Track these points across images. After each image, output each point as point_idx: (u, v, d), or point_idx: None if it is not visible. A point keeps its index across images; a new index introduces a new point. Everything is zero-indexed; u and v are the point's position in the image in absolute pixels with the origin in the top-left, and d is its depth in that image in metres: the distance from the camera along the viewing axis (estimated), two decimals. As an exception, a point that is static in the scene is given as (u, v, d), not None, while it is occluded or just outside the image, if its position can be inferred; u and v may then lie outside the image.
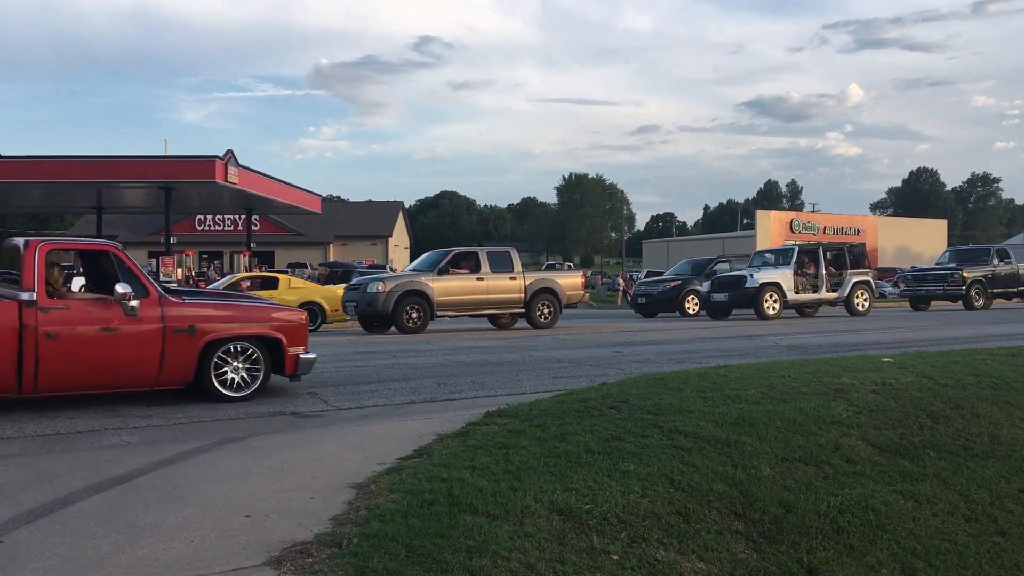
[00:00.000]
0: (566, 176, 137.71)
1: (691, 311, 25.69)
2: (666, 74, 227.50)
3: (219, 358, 8.71)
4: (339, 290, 21.77)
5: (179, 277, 34.55)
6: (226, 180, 33.13)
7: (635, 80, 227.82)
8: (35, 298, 7.86)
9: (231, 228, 60.99)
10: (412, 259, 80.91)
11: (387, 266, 50.12)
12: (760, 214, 67.01)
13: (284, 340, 9.04)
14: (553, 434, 6.36)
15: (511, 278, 19.70)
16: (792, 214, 70.91)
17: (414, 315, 18.44)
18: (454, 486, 5.06)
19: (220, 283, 21.66)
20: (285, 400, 8.96)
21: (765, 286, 22.75)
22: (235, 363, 8.82)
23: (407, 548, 4.18)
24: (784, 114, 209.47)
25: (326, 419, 7.97)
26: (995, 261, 27.04)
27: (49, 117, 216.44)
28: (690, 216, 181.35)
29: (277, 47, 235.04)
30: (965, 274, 26.07)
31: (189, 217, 59.65)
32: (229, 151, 33.57)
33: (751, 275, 23.05)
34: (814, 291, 23.62)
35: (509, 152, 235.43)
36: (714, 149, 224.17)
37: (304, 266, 50.23)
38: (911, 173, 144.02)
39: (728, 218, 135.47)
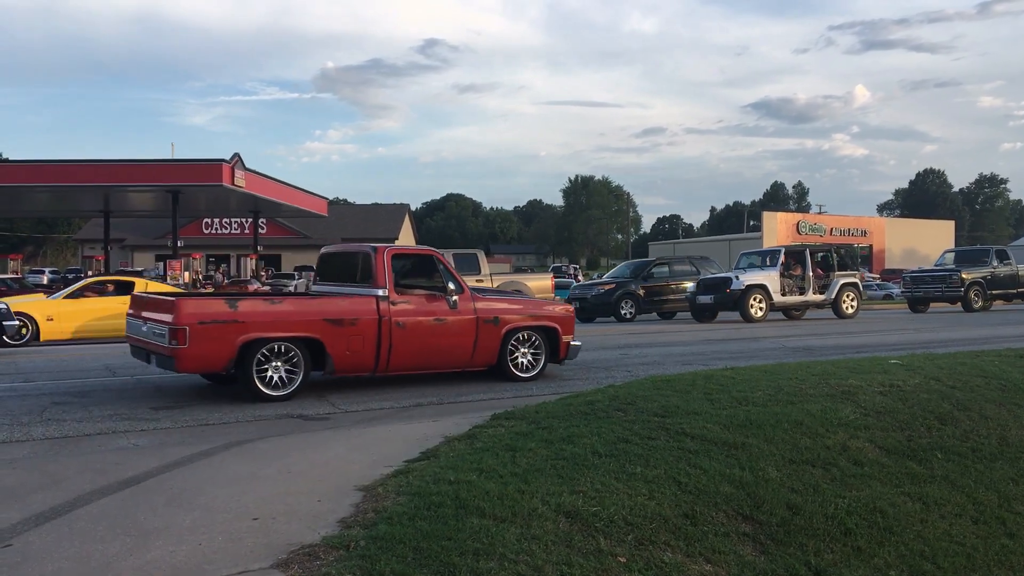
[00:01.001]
0: (572, 178, 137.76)
1: (627, 315, 24.62)
2: (671, 76, 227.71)
3: (511, 345, 10.57)
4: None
5: (186, 280, 34.63)
6: (233, 183, 33.21)
7: (640, 82, 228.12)
8: (387, 294, 9.69)
9: (238, 231, 61.14)
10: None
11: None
12: (767, 216, 67.01)
13: (560, 329, 10.91)
14: (560, 436, 6.36)
15: (477, 281, 19.18)
16: (799, 216, 70.87)
17: None
18: (461, 488, 5.06)
19: (69, 289, 19.42)
20: (293, 403, 8.97)
21: (751, 288, 22.25)
22: (523, 349, 10.70)
23: (414, 550, 4.19)
24: (790, 116, 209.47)
25: (333, 422, 7.98)
26: (994, 262, 26.68)
27: (56, 121, 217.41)
28: (696, 218, 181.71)
29: (283, 51, 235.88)
30: (964, 275, 25.75)
31: (196, 220, 59.77)
32: (236, 155, 33.66)
33: (736, 277, 22.53)
34: (801, 293, 23.13)
35: (515, 155, 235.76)
36: (720, 151, 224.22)
37: (311, 269, 50.33)
38: (918, 174, 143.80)
39: (734, 220, 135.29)
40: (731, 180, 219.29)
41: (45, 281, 48.04)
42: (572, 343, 10.98)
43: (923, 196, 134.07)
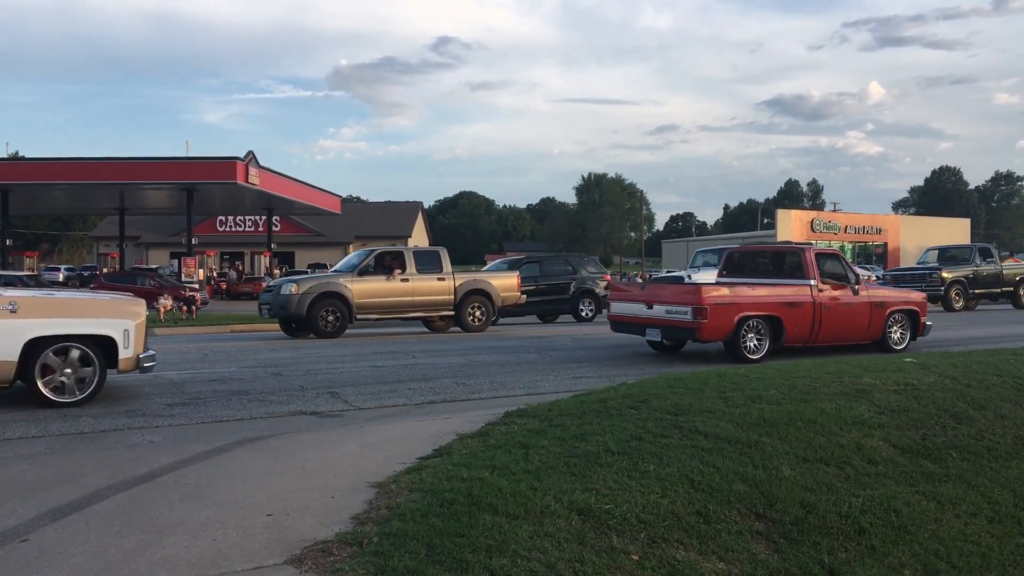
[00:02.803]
0: (585, 176, 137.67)
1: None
2: (685, 73, 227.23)
3: (888, 323, 13.52)
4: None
5: (200, 277, 34.80)
6: (247, 181, 33.36)
7: (654, 79, 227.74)
8: (816, 284, 12.87)
9: (252, 229, 61.36)
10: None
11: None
12: (781, 213, 66.76)
13: (920, 312, 13.87)
14: (573, 434, 6.36)
15: (439, 279, 18.80)
16: (813, 213, 70.53)
17: (330, 318, 17.51)
18: (474, 486, 5.07)
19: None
20: (306, 400, 9.01)
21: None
22: (896, 327, 13.63)
23: (427, 547, 4.20)
24: (804, 113, 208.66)
25: (346, 419, 8.01)
26: (977, 260, 25.97)
27: (72, 119, 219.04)
28: (710, 216, 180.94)
29: (297, 49, 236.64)
30: (944, 274, 25.06)
31: (210, 218, 60.05)
32: (250, 152, 33.81)
33: (688, 276, 21.12)
34: None
35: (528, 152, 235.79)
36: (734, 148, 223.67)
37: (324, 266, 50.52)
38: (933, 172, 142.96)
39: (748, 217, 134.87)
40: (745, 178, 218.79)
41: (61, 278, 48.40)
42: (926, 323, 14.00)
43: (939, 194, 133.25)
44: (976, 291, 25.67)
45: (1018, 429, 7.79)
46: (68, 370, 8.48)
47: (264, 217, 51.14)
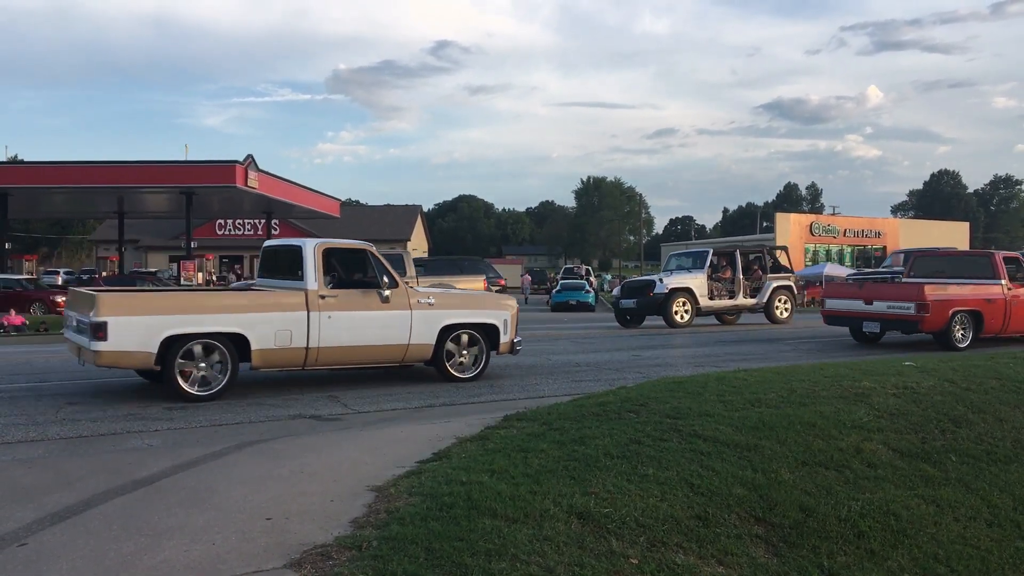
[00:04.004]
0: (584, 180, 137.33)
1: None
2: (684, 77, 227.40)
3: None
4: None
5: (199, 281, 34.77)
6: (246, 185, 33.37)
7: (653, 83, 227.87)
8: (1006, 283, 15.17)
9: (251, 232, 61.37)
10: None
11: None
12: (780, 217, 66.75)
13: None
14: (572, 438, 6.36)
15: (404, 282, 18.44)
16: (812, 217, 70.53)
17: None
18: (473, 489, 5.06)
19: None
20: (305, 404, 9.00)
21: (675, 292, 20.93)
22: None
23: (426, 551, 4.19)
24: (803, 116, 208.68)
25: (345, 423, 8.00)
26: None
27: (71, 123, 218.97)
28: (709, 219, 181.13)
29: (296, 52, 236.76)
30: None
31: (209, 221, 60.04)
32: (249, 156, 33.82)
33: (660, 280, 21.42)
34: (730, 297, 21.88)
35: (527, 156, 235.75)
36: (733, 152, 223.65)
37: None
38: (932, 175, 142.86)
39: (748, 221, 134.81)
40: (744, 181, 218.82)
41: (60, 282, 48.37)
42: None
43: (937, 197, 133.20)
44: None
45: (1017, 433, 7.79)
46: (464, 352, 10.75)
47: (263, 221, 51.16)
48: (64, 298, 31.01)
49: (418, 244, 75.20)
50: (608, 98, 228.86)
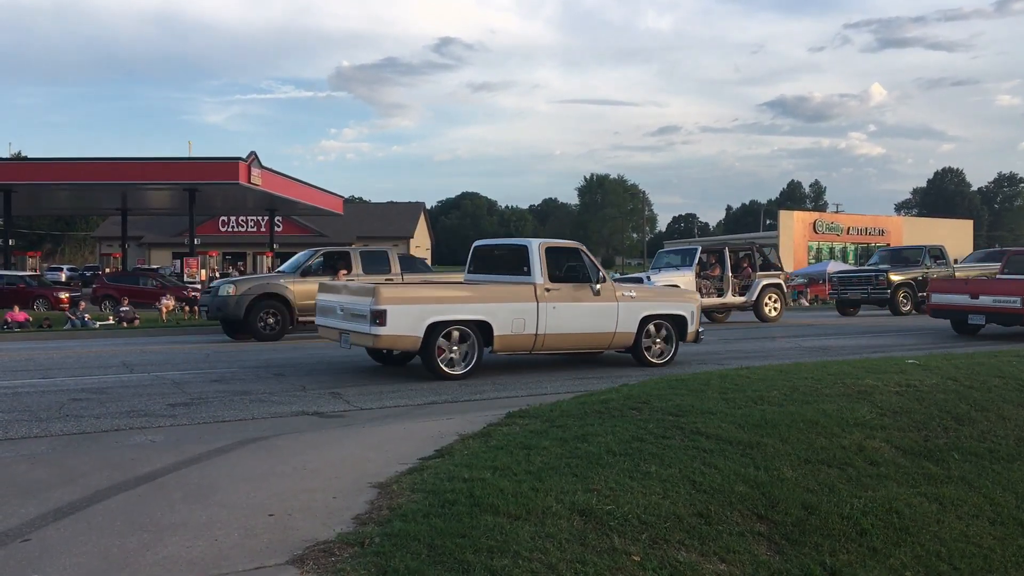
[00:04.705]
0: (587, 177, 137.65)
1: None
2: (687, 75, 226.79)
3: None
4: None
5: (203, 278, 34.82)
6: (249, 182, 33.38)
7: (656, 81, 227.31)
8: None
9: (254, 229, 61.42)
10: (434, 260, 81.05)
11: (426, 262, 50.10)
12: (783, 215, 66.71)
13: None
14: (574, 435, 6.36)
15: (387, 279, 17.53)
16: (815, 215, 70.46)
17: (270, 320, 17.01)
18: (475, 486, 5.07)
19: None
20: (308, 400, 9.02)
21: None
22: None
23: (428, 548, 4.20)
24: (806, 114, 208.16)
25: (348, 419, 8.01)
26: (927, 262, 24.89)
27: (75, 120, 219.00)
28: (712, 217, 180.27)
29: (298, 49, 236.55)
30: (892, 276, 24.06)
31: (213, 218, 60.11)
32: (252, 153, 33.82)
33: (648, 278, 21.02)
34: (719, 295, 21.72)
35: (530, 153, 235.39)
36: (736, 149, 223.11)
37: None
38: (936, 173, 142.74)
39: (751, 219, 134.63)
40: (747, 179, 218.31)
41: (63, 278, 48.44)
42: None
43: (941, 195, 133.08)
44: (924, 294, 24.52)
45: (1020, 430, 7.78)
46: (658, 340, 12.10)
47: (266, 217, 51.17)
48: (68, 294, 31.13)
49: (421, 241, 75.22)
50: (611, 95, 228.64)
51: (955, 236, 65.55)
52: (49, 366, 12.32)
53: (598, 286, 11.49)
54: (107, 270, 48.44)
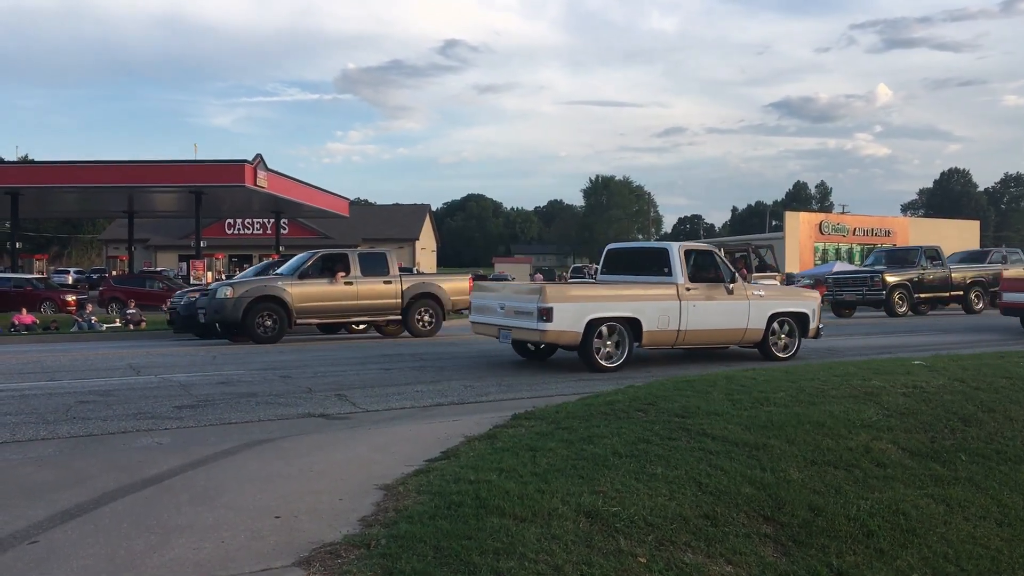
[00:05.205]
0: (592, 178, 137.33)
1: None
2: (692, 75, 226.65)
3: None
4: None
5: (209, 280, 34.89)
6: (255, 184, 33.47)
7: (661, 82, 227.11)
8: None
9: (260, 232, 61.53)
10: (439, 262, 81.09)
11: (413, 268, 50.23)
12: (789, 215, 66.53)
13: None
14: (580, 437, 6.36)
15: (385, 282, 18.15)
16: (821, 215, 70.30)
17: (268, 323, 16.92)
18: (481, 488, 5.07)
19: None
20: (314, 402, 9.02)
21: None
22: None
23: (435, 549, 4.20)
24: (812, 115, 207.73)
25: (354, 421, 8.02)
26: (923, 263, 24.62)
27: (81, 123, 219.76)
28: (718, 218, 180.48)
29: (304, 52, 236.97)
30: (887, 278, 23.78)
31: (219, 221, 60.21)
32: (258, 155, 33.91)
33: None
34: None
35: (535, 155, 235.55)
36: (741, 150, 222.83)
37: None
38: (942, 174, 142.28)
39: (757, 220, 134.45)
40: (753, 180, 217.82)
41: (70, 281, 48.58)
42: None
43: (948, 196, 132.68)
44: (921, 295, 24.41)
45: (1028, 432, 7.75)
46: (783, 336, 12.90)
47: (272, 220, 51.28)
48: (75, 297, 31.21)
49: (427, 243, 75.30)
50: (616, 96, 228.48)
51: (962, 237, 65.33)
52: (56, 368, 12.36)
53: (731, 285, 12.28)
54: (114, 273, 48.58)
